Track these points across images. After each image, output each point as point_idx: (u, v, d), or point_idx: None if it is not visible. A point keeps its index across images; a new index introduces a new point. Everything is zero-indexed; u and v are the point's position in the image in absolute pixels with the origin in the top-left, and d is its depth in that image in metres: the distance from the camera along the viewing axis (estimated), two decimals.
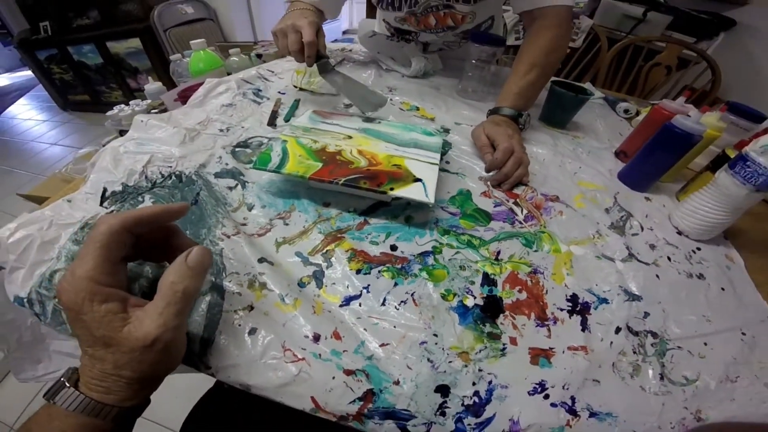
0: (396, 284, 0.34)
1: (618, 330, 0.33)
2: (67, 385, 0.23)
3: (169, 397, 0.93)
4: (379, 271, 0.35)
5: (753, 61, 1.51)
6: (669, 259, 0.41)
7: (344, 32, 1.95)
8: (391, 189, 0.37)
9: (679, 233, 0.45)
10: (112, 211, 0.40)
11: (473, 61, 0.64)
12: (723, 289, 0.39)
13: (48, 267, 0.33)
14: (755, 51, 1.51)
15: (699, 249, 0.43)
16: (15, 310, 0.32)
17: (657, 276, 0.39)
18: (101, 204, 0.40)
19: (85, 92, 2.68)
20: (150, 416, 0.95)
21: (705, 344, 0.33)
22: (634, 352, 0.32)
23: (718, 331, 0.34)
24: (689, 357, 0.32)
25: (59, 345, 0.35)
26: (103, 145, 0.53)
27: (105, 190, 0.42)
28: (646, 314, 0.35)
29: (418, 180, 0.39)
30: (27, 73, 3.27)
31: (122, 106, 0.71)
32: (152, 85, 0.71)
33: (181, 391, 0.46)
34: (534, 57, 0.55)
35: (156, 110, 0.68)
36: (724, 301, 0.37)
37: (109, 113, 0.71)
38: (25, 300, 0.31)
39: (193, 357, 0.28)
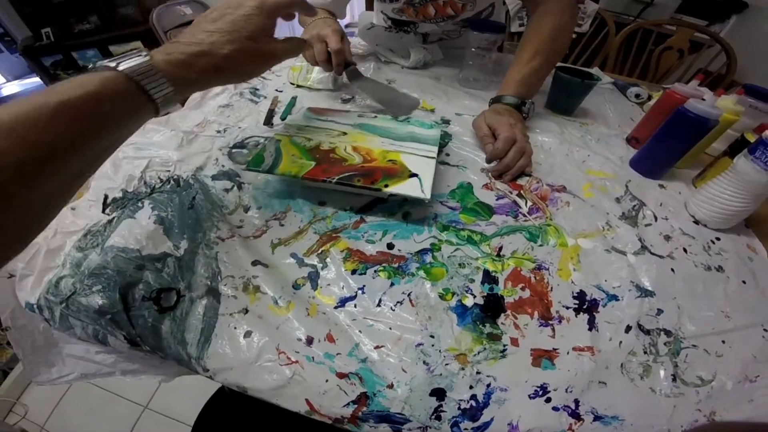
0: (392, 284, 0.33)
1: (628, 329, 0.31)
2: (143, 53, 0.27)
3: (183, 394, 0.97)
4: (375, 271, 0.34)
5: None
6: (685, 250, 0.39)
7: (346, 26, 1.92)
8: (386, 186, 0.36)
9: (696, 222, 0.42)
10: (114, 218, 0.40)
11: (473, 50, 0.62)
12: (744, 282, 0.36)
13: (55, 274, 0.34)
14: None
15: (718, 239, 0.40)
16: (27, 315, 0.34)
17: (672, 269, 0.36)
18: (103, 211, 0.41)
19: None
20: (165, 411, 0.98)
21: (723, 342, 0.31)
22: (645, 352, 0.30)
23: (738, 327, 0.32)
24: (705, 356, 0.30)
25: (71, 348, 0.36)
26: None
27: (106, 197, 0.42)
28: (660, 311, 0.33)
29: (414, 175, 0.38)
30: (35, 80, 3.32)
31: None
32: None
33: (194, 388, 0.47)
34: (538, 43, 0.53)
35: None
36: (744, 295, 0.35)
37: None
38: (35, 306, 0.32)
39: (191, 360, 0.29)
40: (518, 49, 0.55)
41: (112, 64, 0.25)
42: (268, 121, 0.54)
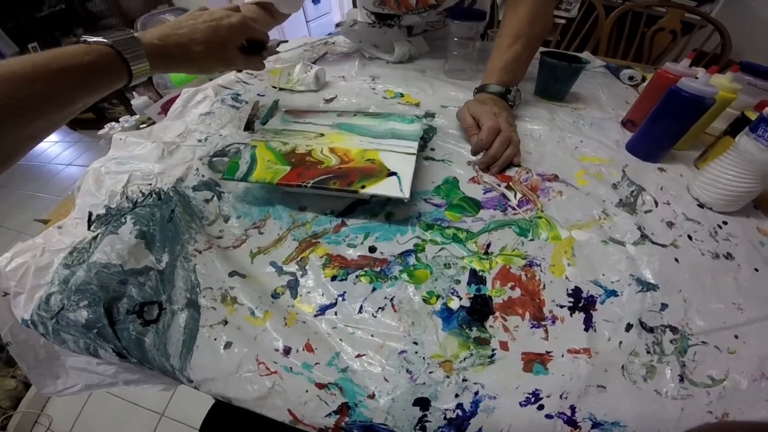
0: (374, 289, 0.32)
1: (629, 327, 0.29)
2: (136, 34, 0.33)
3: (197, 400, 0.97)
4: (356, 276, 0.33)
5: (762, 21, 1.41)
6: (690, 237, 0.36)
7: (337, 25, 1.90)
8: (363, 187, 0.35)
9: (701, 206, 0.39)
10: (98, 234, 0.39)
11: (455, 39, 0.60)
12: (756, 269, 0.33)
13: (45, 290, 0.34)
14: (758, 9, 1.42)
15: (725, 223, 0.38)
16: (26, 330, 0.34)
17: (676, 259, 0.34)
18: (89, 228, 0.40)
19: (89, 110, 2.76)
20: (181, 418, 0.99)
21: (735, 337, 0.29)
22: (649, 352, 0.28)
23: (752, 320, 0.30)
24: (716, 353, 0.28)
25: (73, 361, 0.37)
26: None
27: (90, 214, 0.42)
28: (664, 306, 0.30)
29: (393, 173, 0.36)
30: None
31: (113, 123, 0.72)
32: (138, 100, 0.70)
33: (201, 393, 0.48)
34: (516, 28, 0.51)
35: (145, 125, 0.68)
36: (758, 284, 0.32)
37: (100, 132, 0.71)
38: (29, 322, 0.33)
39: (175, 372, 0.29)
40: (497, 35, 0.53)
41: (107, 41, 0.30)
42: (249, 127, 0.53)
